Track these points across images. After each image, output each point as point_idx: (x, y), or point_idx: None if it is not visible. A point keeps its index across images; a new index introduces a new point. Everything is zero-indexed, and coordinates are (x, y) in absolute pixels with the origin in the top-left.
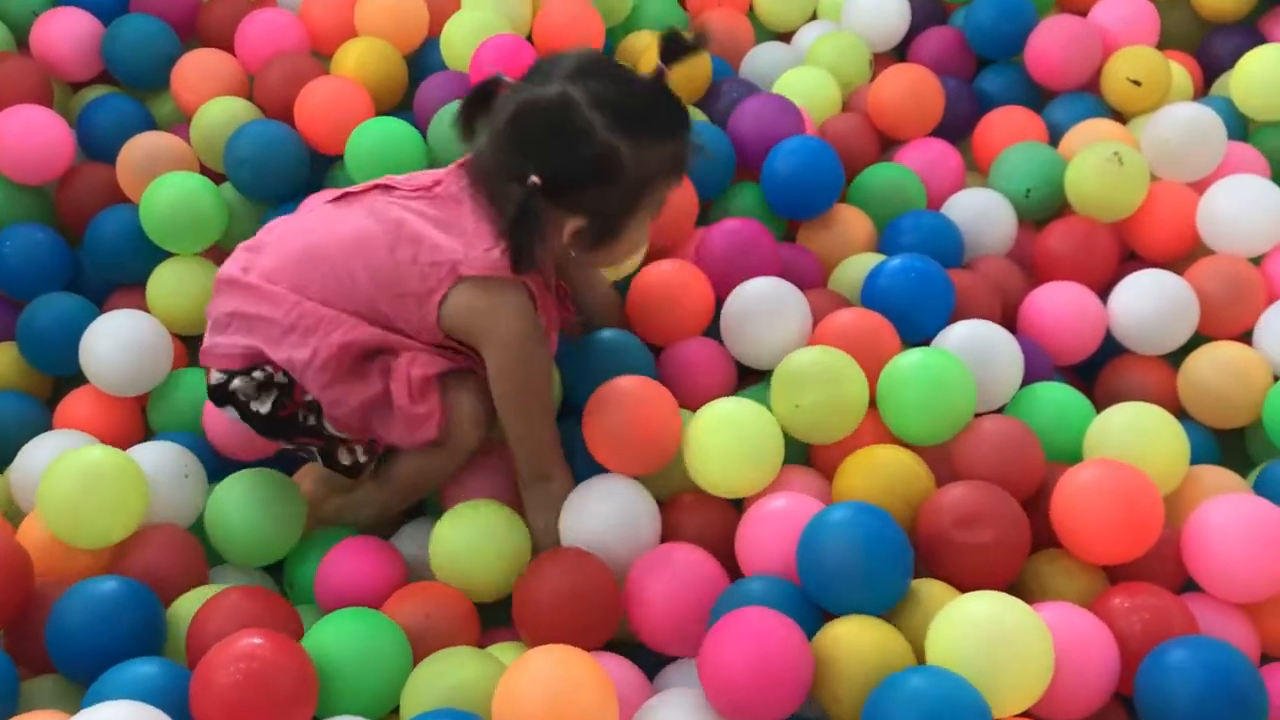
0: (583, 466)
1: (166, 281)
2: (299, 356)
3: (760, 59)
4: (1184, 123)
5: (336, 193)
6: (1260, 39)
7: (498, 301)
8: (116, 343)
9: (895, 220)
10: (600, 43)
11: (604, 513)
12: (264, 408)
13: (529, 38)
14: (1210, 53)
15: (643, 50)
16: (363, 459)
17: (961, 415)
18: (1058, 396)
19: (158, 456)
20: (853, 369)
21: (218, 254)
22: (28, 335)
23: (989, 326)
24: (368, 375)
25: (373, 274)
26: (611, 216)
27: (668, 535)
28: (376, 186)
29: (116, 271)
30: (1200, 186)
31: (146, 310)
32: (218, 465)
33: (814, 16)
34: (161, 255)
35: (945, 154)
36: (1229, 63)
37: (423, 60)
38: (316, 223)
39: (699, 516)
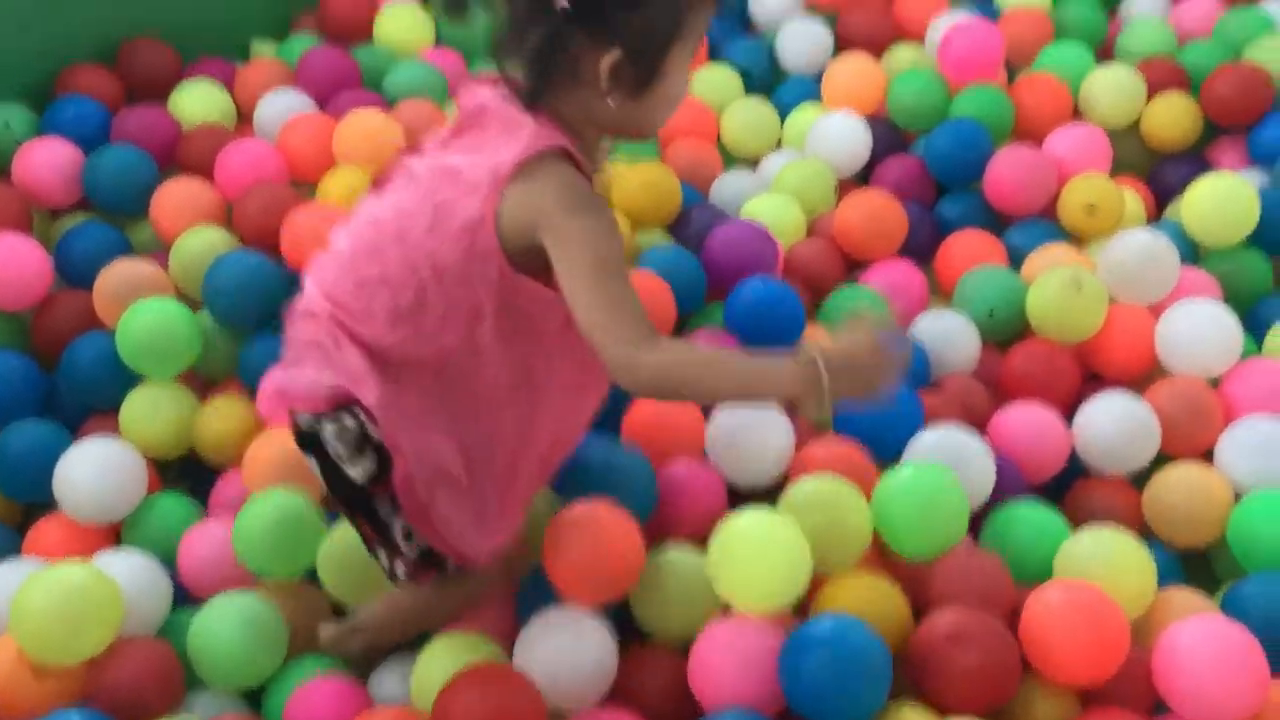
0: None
1: (140, 407)
2: (385, 393)
3: (728, 186)
4: (1138, 247)
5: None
6: (1207, 166)
7: (543, 176)
8: (90, 471)
9: None
10: None
11: (557, 646)
12: (357, 473)
13: None
14: (1161, 180)
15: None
16: (399, 572)
17: (957, 529)
18: (1033, 517)
19: (128, 567)
20: (856, 499)
21: (192, 379)
22: (0, 463)
23: (959, 433)
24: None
25: (421, 229)
26: (650, 47)
27: (621, 684)
28: (404, 154)
29: (92, 397)
30: (1156, 309)
31: (119, 434)
32: (178, 595)
33: (779, 145)
34: (137, 380)
35: (910, 276)
36: (1179, 189)
37: None
38: (360, 217)
39: (651, 667)
